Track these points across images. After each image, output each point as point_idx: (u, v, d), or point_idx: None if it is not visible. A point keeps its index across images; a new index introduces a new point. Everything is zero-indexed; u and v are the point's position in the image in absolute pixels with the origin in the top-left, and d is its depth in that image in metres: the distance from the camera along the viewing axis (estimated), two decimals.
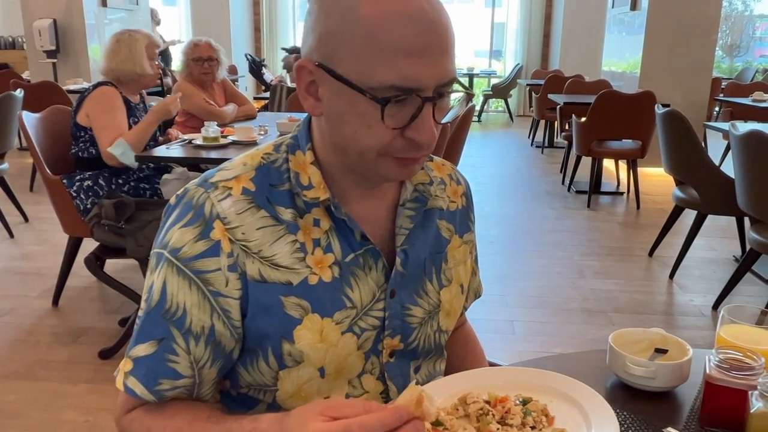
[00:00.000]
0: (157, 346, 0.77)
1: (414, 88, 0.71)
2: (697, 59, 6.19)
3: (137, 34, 2.90)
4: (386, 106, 0.71)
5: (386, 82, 0.70)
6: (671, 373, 0.88)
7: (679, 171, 3.49)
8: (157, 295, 0.78)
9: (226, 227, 0.78)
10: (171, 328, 0.77)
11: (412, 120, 0.73)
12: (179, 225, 0.78)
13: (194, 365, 0.78)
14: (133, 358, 0.78)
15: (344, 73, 0.72)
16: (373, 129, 0.73)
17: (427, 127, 0.73)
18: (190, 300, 0.77)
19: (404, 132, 0.74)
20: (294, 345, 0.80)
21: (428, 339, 0.92)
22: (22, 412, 2.19)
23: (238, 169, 0.82)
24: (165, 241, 0.79)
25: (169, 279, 0.77)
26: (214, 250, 0.77)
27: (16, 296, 3.17)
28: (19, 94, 4.03)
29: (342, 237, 0.82)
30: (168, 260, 0.78)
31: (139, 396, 0.77)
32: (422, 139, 0.73)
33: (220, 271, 0.77)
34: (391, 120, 0.72)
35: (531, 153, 7.54)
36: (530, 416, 0.80)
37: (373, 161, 0.76)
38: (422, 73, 0.70)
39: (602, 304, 3.17)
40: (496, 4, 11.29)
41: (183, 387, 0.78)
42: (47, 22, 6.45)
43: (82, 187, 2.73)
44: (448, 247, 0.94)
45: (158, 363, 0.77)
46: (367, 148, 0.75)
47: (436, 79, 0.72)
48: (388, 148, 0.75)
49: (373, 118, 0.72)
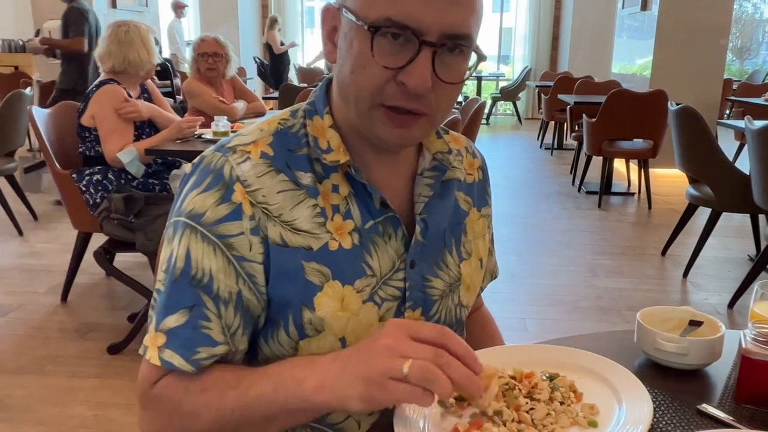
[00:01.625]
0: (189, 314, 0.73)
1: (411, 26, 0.68)
2: (708, 61, 6.15)
3: (140, 24, 2.87)
4: (375, 35, 0.69)
5: (383, 14, 0.68)
6: (705, 350, 0.84)
7: (693, 168, 3.45)
8: (182, 262, 0.74)
9: (246, 190, 0.75)
10: (200, 294, 0.74)
11: (407, 64, 0.70)
12: (198, 190, 0.76)
13: (226, 331, 0.75)
14: (165, 331, 0.74)
15: (351, 5, 0.72)
16: (367, 69, 0.71)
17: (420, 71, 0.69)
18: (216, 266, 0.74)
19: (397, 76, 0.71)
20: (315, 313, 0.77)
21: (449, 313, 0.89)
22: (31, 407, 2.18)
23: (255, 134, 0.80)
24: (183, 208, 0.76)
25: (192, 245, 0.74)
26: (236, 213, 0.75)
27: (25, 293, 3.16)
28: (29, 92, 4.03)
29: (361, 203, 0.80)
30: (190, 226, 0.75)
31: (177, 367, 0.73)
32: (412, 84, 0.70)
33: (243, 235, 0.75)
34: (383, 57, 0.70)
35: (540, 155, 7.50)
36: (558, 391, 0.77)
37: (367, 112, 0.74)
38: (423, 12, 0.68)
39: (616, 302, 3.13)
40: (504, 8, 11.27)
41: (220, 355, 0.75)
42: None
43: (91, 181, 2.71)
44: (467, 219, 0.92)
45: (193, 331, 0.73)
46: (361, 89, 0.72)
47: (441, 25, 0.69)
48: (380, 93, 0.72)
49: (368, 55, 0.70)
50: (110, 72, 2.82)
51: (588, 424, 0.73)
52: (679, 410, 0.78)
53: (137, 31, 2.81)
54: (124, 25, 2.84)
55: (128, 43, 2.78)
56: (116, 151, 2.67)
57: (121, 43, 2.78)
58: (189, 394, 0.72)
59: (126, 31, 2.81)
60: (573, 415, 0.73)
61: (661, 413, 0.77)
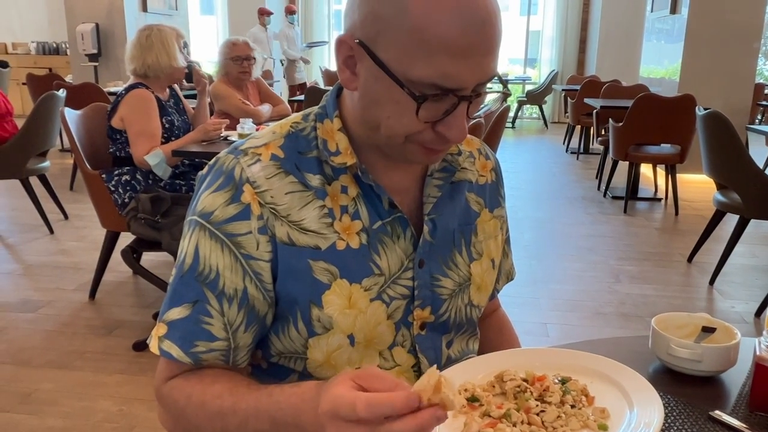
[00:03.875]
0: (192, 309, 0.77)
1: (454, 88, 0.70)
2: (738, 65, 6.04)
3: (164, 27, 2.92)
4: (423, 103, 0.70)
5: (427, 79, 0.69)
6: (719, 356, 0.84)
7: (721, 174, 3.40)
8: (190, 258, 0.78)
9: (255, 191, 0.78)
10: (204, 290, 0.77)
11: (445, 115, 0.72)
12: (210, 190, 0.79)
13: (228, 327, 0.78)
14: (167, 322, 0.78)
15: (385, 59, 0.71)
16: (405, 119, 0.73)
17: (458, 123, 0.72)
18: (223, 263, 0.77)
19: (435, 126, 0.73)
20: (323, 310, 0.80)
21: (459, 312, 0.90)
22: (58, 400, 2.23)
23: (268, 137, 0.83)
24: (196, 207, 0.80)
25: (201, 242, 0.78)
26: (244, 213, 0.78)
27: (54, 289, 3.23)
28: (62, 93, 4.12)
29: (370, 204, 0.82)
30: (200, 224, 0.78)
31: (175, 358, 0.77)
32: (452, 135, 0.73)
33: (251, 234, 0.78)
34: (425, 114, 0.72)
35: (566, 159, 7.44)
36: (570, 395, 0.78)
37: (400, 146, 0.76)
38: (464, 73, 0.69)
39: (639, 308, 3.09)
40: (532, 11, 11.21)
41: (219, 351, 0.78)
42: (90, 26, 6.63)
43: (120, 181, 2.77)
44: (478, 220, 0.93)
45: (193, 325, 0.77)
46: (396, 133, 0.75)
47: (477, 79, 0.71)
48: (417, 137, 0.74)
49: (408, 109, 0.72)
50: (135, 75, 2.89)
51: (598, 427, 0.73)
52: (692, 416, 0.78)
53: (159, 35, 2.86)
54: (147, 29, 2.90)
55: (148, 47, 2.83)
56: (144, 154, 2.72)
57: (142, 47, 2.84)
58: (191, 404, 0.76)
59: (147, 35, 2.86)
60: (584, 419, 0.74)
61: (673, 419, 0.77)
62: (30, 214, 4.30)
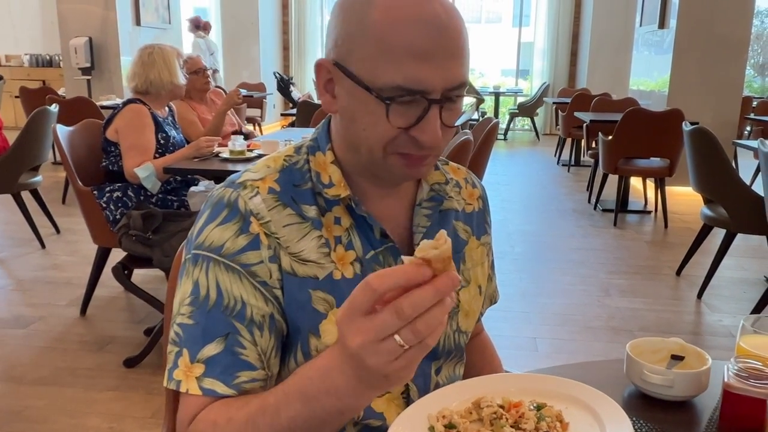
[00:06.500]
0: (225, 342, 0.77)
1: (419, 89, 0.73)
2: (727, 78, 6.12)
3: (165, 46, 3.00)
4: (390, 105, 0.74)
5: (392, 83, 0.73)
6: (689, 382, 0.87)
7: (707, 189, 3.44)
8: (214, 293, 0.78)
9: (260, 222, 0.80)
10: (234, 323, 0.78)
11: (418, 121, 0.75)
12: (215, 224, 0.80)
13: (262, 356, 0.79)
14: (203, 360, 0.77)
15: (356, 71, 0.75)
16: (380, 127, 0.76)
17: (431, 128, 0.75)
18: (246, 292, 0.79)
19: (409, 131, 0.76)
20: (320, 340, 0.82)
21: (448, 339, 0.93)
22: (49, 417, 2.23)
23: (263, 171, 0.85)
24: (201, 241, 0.80)
25: (219, 276, 0.79)
26: (254, 243, 0.80)
27: (46, 305, 3.24)
28: (54, 108, 4.14)
29: (362, 234, 0.85)
30: (213, 260, 0.79)
31: (220, 394, 0.76)
32: (425, 140, 0.76)
33: (263, 264, 0.80)
34: (397, 119, 0.75)
35: (557, 171, 7.50)
36: (544, 421, 0.80)
37: (381, 159, 0.79)
38: (429, 75, 0.73)
39: (628, 322, 3.12)
40: (524, 23, 11.31)
41: (260, 380, 0.79)
42: (83, 40, 6.65)
43: (111, 198, 2.79)
44: (466, 248, 0.96)
45: (231, 357, 0.77)
46: (374, 143, 0.77)
47: (444, 82, 0.74)
48: (392, 144, 0.77)
49: (381, 117, 0.75)
50: (135, 92, 2.93)
51: None
52: None
53: (161, 53, 2.94)
54: (149, 48, 2.98)
55: (150, 64, 2.90)
56: (134, 167, 2.75)
57: (144, 65, 2.91)
58: (218, 428, 0.74)
59: (150, 53, 2.94)
60: None
61: None
62: (21, 229, 4.30)
